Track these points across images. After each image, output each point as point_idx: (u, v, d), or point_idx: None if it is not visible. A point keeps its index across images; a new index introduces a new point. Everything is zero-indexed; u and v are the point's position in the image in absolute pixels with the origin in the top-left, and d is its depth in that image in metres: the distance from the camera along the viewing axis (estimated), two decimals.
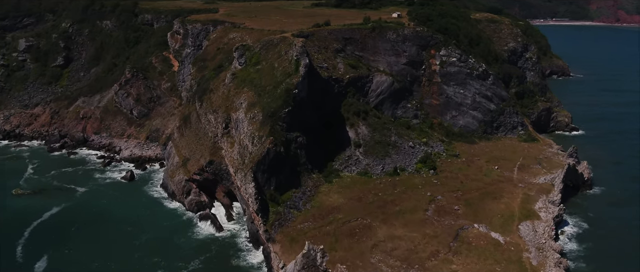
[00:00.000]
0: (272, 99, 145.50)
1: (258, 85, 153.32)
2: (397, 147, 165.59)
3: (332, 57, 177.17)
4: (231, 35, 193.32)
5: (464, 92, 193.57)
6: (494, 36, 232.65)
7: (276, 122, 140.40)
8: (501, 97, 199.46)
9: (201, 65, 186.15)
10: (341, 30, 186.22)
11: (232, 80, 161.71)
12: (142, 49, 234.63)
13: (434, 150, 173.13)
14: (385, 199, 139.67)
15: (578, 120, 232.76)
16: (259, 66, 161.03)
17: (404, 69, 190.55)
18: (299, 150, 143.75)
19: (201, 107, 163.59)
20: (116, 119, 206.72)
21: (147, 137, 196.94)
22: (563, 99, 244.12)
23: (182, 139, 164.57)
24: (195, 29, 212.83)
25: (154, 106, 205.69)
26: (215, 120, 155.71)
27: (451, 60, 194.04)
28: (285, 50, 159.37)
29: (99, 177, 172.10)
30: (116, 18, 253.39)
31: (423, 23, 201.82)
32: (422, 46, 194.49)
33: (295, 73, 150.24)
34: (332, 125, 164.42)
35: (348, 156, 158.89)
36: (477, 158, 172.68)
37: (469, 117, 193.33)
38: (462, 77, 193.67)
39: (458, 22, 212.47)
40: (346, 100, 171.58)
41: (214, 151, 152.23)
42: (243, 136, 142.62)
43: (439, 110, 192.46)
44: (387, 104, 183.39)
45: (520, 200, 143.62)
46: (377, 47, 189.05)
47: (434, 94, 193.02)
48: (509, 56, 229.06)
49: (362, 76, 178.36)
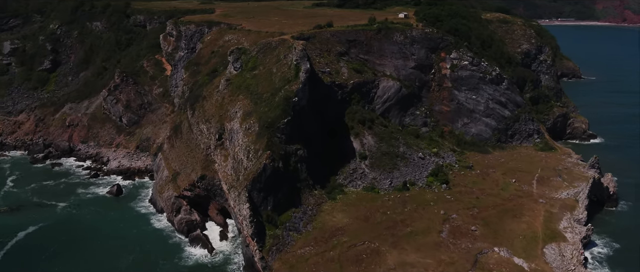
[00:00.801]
0: (269, 107, 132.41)
1: (254, 93, 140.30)
2: (405, 159, 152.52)
3: (334, 61, 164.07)
4: (226, 38, 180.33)
5: (476, 97, 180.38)
6: (506, 37, 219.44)
7: (274, 133, 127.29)
8: (516, 103, 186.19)
9: (194, 70, 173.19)
10: (344, 32, 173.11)
11: (226, 86, 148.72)
12: (133, 52, 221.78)
13: (446, 161, 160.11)
14: (395, 218, 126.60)
15: (595, 126, 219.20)
16: (256, 71, 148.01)
17: (412, 74, 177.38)
18: (299, 164, 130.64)
19: (193, 116, 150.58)
20: (104, 127, 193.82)
21: (137, 147, 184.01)
22: (576, 103, 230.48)
23: (172, 151, 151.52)
24: (189, 31, 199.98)
25: (145, 113, 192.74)
26: (208, 131, 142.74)
27: (463, 63, 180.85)
28: (284, 54, 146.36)
29: (83, 191, 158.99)
30: (107, 19, 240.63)
31: (432, 24, 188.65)
32: (431, 49, 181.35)
33: (294, 79, 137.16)
34: (335, 136, 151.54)
35: (353, 169, 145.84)
36: (492, 170, 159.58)
37: (482, 124, 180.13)
38: (474, 82, 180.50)
39: (469, 23, 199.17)
40: (350, 107, 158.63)
41: (207, 165, 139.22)
42: (238, 149, 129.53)
43: (450, 117, 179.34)
44: (395, 111, 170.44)
45: (542, 218, 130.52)
46: (383, 50, 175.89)
47: (444, 100, 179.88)
48: (523, 59, 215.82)
49: (367, 81, 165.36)
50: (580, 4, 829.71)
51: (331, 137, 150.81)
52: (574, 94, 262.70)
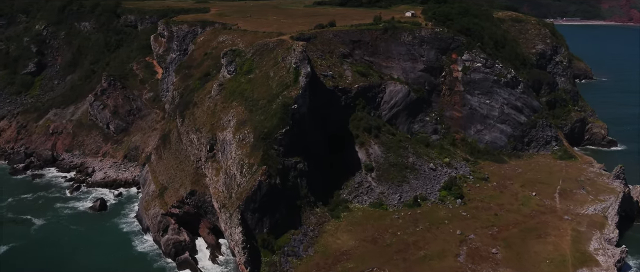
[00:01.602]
0: (266, 116, 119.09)
1: (249, 99, 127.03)
2: (415, 171, 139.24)
3: (337, 64, 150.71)
4: (221, 38, 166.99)
5: (490, 102, 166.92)
6: (520, 37, 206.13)
7: (270, 145, 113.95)
8: (533, 108, 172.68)
9: (185, 74, 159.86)
10: (348, 32, 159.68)
11: (219, 92, 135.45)
12: (123, 54, 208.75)
13: (459, 172, 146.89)
14: (406, 240, 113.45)
15: (614, 131, 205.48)
16: (251, 75, 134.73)
17: (421, 77, 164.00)
18: (299, 179, 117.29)
19: (182, 125, 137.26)
20: (90, 135, 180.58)
21: (124, 156, 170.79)
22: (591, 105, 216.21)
23: (160, 163, 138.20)
24: (181, 31, 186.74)
25: (134, 120, 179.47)
26: (198, 141, 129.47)
27: (475, 65, 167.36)
28: (282, 56, 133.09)
29: (63, 206, 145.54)
30: (96, 19, 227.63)
31: (442, 23, 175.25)
32: (441, 50, 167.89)
33: (294, 84, 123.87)
34: (338, 145, 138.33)
35: (358, 183, 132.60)
36: (510, 182, 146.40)
37: (497, 131, 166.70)
38: (488, 85, 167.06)
39: (481, 22, 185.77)
40: (355, 114, 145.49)
41: (197, 179, 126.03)
42: (230, 162, 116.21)
43: (462, 123, 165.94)
44: (403, 117, 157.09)
45: (570, 238, 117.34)
46: (390, 51, 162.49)
47: (456, 105, 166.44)
48: (537, 60, 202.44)
49: (373, 85, 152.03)
50: (585, 3, 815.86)
51: (334, 148, 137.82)
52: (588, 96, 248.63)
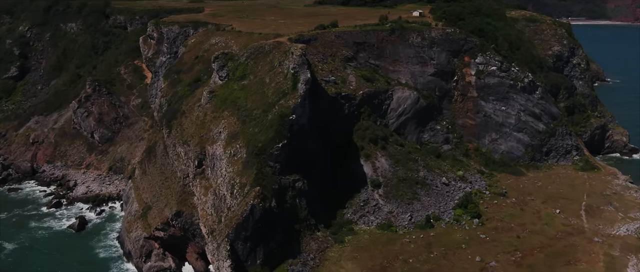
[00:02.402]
0: (260, 128, 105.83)
1: (242, 108, 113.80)
2: (427, 186, 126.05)
3: (340, 68, 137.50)
4: (213, 40, 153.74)
5: (506, 109, 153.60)
6: (535, 38, 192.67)
7: (265, 162, 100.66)
8: (551, 115, 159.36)
9: (174, 79, 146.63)
10: (352, 33, 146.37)
11: (209, 99, 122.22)
12: (111, 57, 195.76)
13: (474, 187, 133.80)
14: (419, 269, 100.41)
15: (635, 137, 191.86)
16: (245, 82, 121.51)
17: (431, 81, 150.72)
18: (298, 199, 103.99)
19: (169, 136, 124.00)
20: (74, 145, 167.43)
21: (109, 168, 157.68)
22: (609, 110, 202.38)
23: (144, 179, 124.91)
24: (172, 33, 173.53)
25: (120, 128, 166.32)
26: (186, 156, 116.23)
27: (490, 69, 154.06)
28: (279, 60, 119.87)
29: (39, 226, 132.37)
30: (83, 20, 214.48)
31: (453, 23, 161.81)
32: (453, 52, 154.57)
33: (292, 92, 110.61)
34: (342, 159, 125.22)
35: (364, 201, 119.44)
36: (530, 197, 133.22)
37: (513, 140, 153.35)
38: (503, 91, 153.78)
39: (494, 22, 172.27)
40: (360, 123, 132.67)
41: (184, 198, 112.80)
42: (220, 181, 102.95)
43: (476, 132, 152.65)
44: (411, 126, 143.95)
45: (603, 264, 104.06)
46: (398, 54, 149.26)
47: (469, 112, 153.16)
48: (554, 62, 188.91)
49: (379, 91, 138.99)
50: (591, 2, 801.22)
51: (337, 161, 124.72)
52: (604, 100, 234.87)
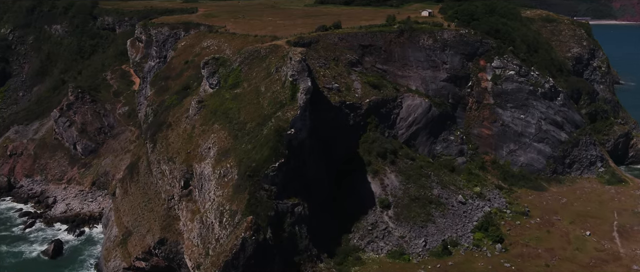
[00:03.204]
0: (254, 144, 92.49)
1: (234, 121, 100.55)
2: (442, 206, 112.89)
3: (344, 74, 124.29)
4: (205, 43, 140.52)
5: (525, 117, 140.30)
6: (553, 40, 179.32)
7: (260, 185, 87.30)
8: (574, 123, 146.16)
9: (161, 86, 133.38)
10: (357, 35, 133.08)
11: (198, 110, 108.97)
12: (97, 61, 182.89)
13: (493, 205, 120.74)
14: None
15: None
16: (238, 90, 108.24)
17: (444, 88, 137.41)
18: (298, 226, 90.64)
19: (153, 152, 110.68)
20: (55, 157, 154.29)
21: (92, 183, 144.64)
22: None
23: (126, 199, 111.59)
24: (161, 35, 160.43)
25: (105, 139, 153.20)
26: (171, 174, 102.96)
27: (508, 73, 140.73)
28: (276, 65, 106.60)
29: (10, 250, 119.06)
30: (69, 22, 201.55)
31: (466, 23, 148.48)
32: (467, 55, 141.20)
33: (290, 102, 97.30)
34: (347, 176, 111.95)
35: (372, 224, 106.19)
36: (556, 216, 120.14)
37: (533, 151, 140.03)
38: (522, 97, 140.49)
39: (510, 22, 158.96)
40: (366, 135, 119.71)
41: (168, 223, 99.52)
42: (209, 206, 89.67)
43: (492, 143, 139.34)
44: (423, 137, 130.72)
45: None
46: (407, 58, 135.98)
47: (485, 120, 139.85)
48: (573, 65, 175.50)
49: (387, 99, 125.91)
50: (596, 2, 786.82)
51: (341, 179, 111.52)
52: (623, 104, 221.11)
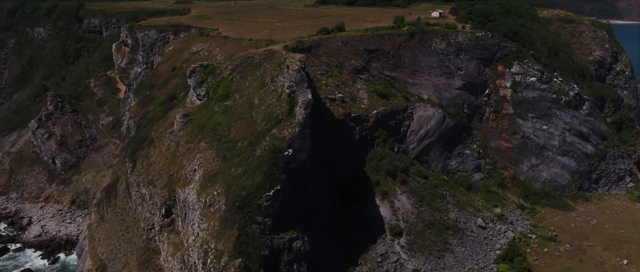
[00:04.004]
0: (245, 168, 79.21)
1: (224, 139, 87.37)
2: (460, 232, 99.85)
3: (349, 82, 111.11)
4: (194, 48, 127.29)
5: (548, 128, 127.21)
6: (572, 42, 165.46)
7: (251, 218, 74.04)
8: (601, 134, 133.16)
9: (146, 96, 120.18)
10: (362, 39, 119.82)
11: (183, 125, 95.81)
12: (82, 67, 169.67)
13: (516, 229, 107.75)
14: None
15: None
16: (229, 102, 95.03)
17: (458, 96, 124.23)
18: (297, 264, 77.47)
19: (133, 172, 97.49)
20: (32, 172, 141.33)
21: (72, 202, 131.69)
22: None
23: (102, 227, 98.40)
24: (148, 39, 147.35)
25: (86, 153, 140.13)
26: (151, 199, 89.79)
27: (529, 80, 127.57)
28: (271, 74, 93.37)
29: None
30: (53, 24, 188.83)
31: (482, 25, 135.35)
32: (484, 60, 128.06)
33: (287, 118, 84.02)
34: (352, 199, 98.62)
35: (382, 255, 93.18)
36: (588, 242, 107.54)
37: (557, 166, 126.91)
38: (545, 106, 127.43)
39: (529, 23, 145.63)
40: (374, 151, 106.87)
41: (148, 257, 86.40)
42: (192, 242, 76.40)
43: (512, 156, 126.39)
44: (436, 151, 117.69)
45: None
46: (418, 64, 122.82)
47: (503, 132, 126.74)
48: (596, 70, 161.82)
49: (396, 110, 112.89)
50: (601, 1, 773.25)
51: (346, 202, 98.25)
52: None
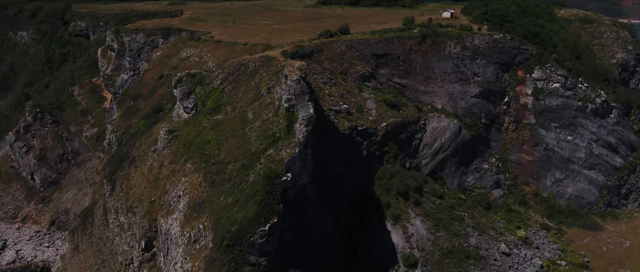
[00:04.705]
0: (237, 196, 67.55)
1: (213, 159, 75.75)
2: (482, 260, 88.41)
3: (355, 91, 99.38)
4: (184, 53, 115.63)
5: (573, 139, 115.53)
6: (594, 44, 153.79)
7: (243, 258, 62.34)
8: (630, 145, 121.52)
9: (130, 107, 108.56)
10: (369, 42, 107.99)
11: (168, 142, 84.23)
12: (67, 73, 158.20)
13: (543, 254, 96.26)
14: None
15: None
16: (219, 116, 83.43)
17: (475, 105, 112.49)
18: None
19: (111, 196, 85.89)
20: (9, 189, 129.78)
21: (51, 223, 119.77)
22: None
23: (76, 259, 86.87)
24: (136, 43, 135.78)
25: (68, 168, 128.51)
26: (130, 230, 78.17)
27: (552, 86, 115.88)
28: (267, 84, 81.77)
29: None
30: (37, 27, 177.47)
31: (498, 26, 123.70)
32: (503, 65, 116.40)
33: (286, 136, 72.31)
34: (359, 225, 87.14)
35: None
36: (623, 268, 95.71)
37: (583, 180, 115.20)
38: (569, 115, 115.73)
39: (548, 24, 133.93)
40: (383, 168, 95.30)
41: None
42: None
43: (534, 171, 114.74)
44: (451, 166, 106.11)
45: None
46: (431, 69, 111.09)
47: (524, 144, 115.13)
48: (619, 73, 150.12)
49: (407, 121, 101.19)
50: (606, 0, 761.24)
51: (352, 228, 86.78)
52: None
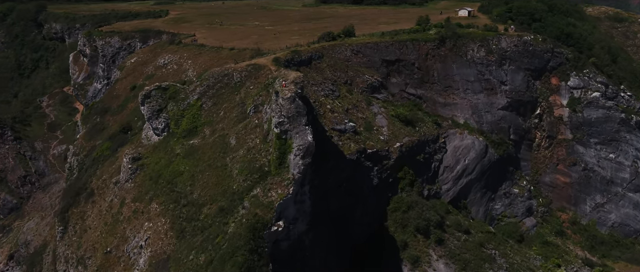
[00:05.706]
0: (211, 253, 50.82)
1: (184, 199, 59.02)
2: None
3: (362, 104, 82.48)
4: (161, 60, 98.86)
5: (616, 157, 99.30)
6: (627, 45, 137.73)
7: None
8: None
9: (96, 124, 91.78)
10: (378, 46, 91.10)
11: (131, 174, 67.52)
12: (37, 81, 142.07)
13: None
14: None
15: None
16: (195, 140, 66.65)
17: (503, 118, 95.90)
18: None
19: (62, 240, 69.17)
20: None
21: (10, 257, 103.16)
22: None
23: None
24: (110, 48, 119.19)
25: (31, 192, 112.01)
26: None
27: (591, 96, 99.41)
28: (255, 101, 65.07)
29: None
30: (7, 30, 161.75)
31: (526, 25, 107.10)
32: (534, 71, 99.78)
33: (277, 170, 55.43)
34: (369, 268, 70.66)
35: None
36: None
37: (629, 205, 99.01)
38: (611, 128, 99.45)
39: (580, 23, 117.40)
40: (398, 198, 78.70)
41: None
42: None
43: (571, 195, 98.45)
44: (477, 191, 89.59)
45: None
46: (451, 77, 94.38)
47: (560, 163, 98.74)
48: None
49: (425, 140, 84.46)
50: None
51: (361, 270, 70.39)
52: None
